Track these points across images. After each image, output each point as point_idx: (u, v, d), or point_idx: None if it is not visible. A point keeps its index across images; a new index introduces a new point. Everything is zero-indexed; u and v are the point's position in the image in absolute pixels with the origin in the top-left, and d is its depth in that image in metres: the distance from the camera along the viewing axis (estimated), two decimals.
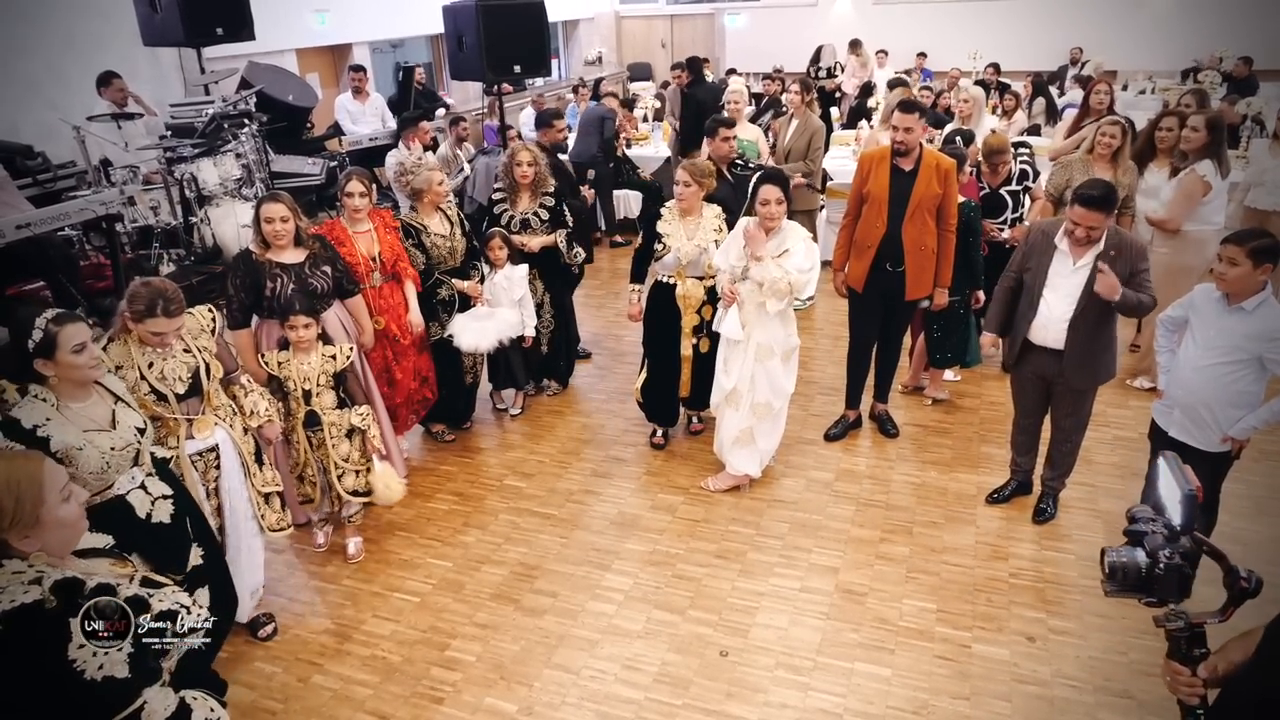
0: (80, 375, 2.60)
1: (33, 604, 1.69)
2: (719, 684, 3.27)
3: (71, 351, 2.52)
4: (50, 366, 2.54)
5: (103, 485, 2.67)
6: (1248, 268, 3.12)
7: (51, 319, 2.53)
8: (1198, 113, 5.00)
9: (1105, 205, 3.47)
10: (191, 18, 7.10)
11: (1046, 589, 3.69)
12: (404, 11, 11.06)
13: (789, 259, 4.01)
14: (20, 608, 1.67)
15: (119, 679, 1.75)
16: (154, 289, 2.96)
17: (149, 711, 1.81)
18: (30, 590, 1.70)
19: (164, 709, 1.84)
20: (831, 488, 4.49)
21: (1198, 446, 3.36)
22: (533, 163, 4.99)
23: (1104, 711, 3.07)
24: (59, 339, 2.51)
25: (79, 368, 2.56)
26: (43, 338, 2.50)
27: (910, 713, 3.10)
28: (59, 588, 1.72)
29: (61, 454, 2.54)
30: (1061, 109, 10.43)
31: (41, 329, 2.50)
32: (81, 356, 2.55)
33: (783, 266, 3.97)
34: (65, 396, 2.60)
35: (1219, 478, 3.47)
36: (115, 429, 2.66)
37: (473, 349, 4.86)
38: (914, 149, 4.35)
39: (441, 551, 4.14)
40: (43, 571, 1.74)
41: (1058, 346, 3.77)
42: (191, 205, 5.97)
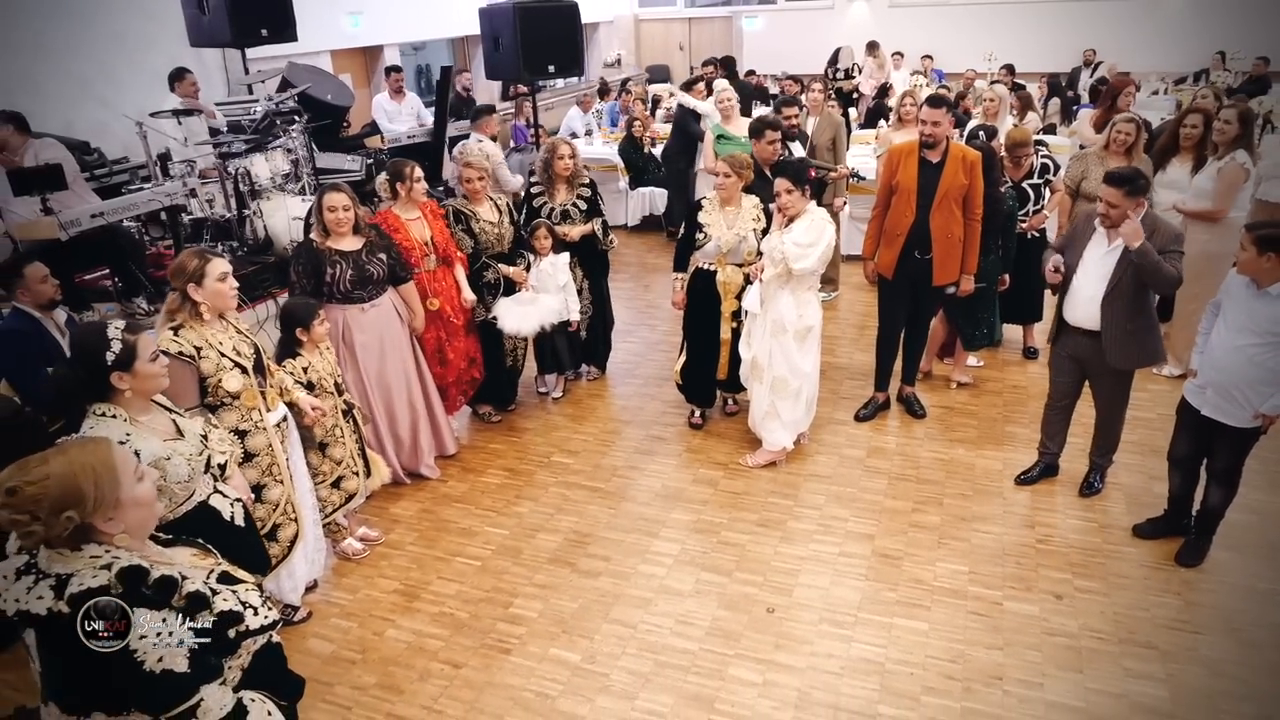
0: (155, 385, 2.58)
1: (98, 588, 1.72)
2: (767, 637, 3.51)
3: (149, 360, 2.51)
4: (127, 379, 2.47)
5: (187, 494, 2.63)
6: (1253, 253, 3.35)
7: (124, 329, 2.49)
8: (1229, 106, 5.25)
9: (1124, 184, 3.71)
10: (238, 19, 7.38)
11: (1071, 553, 3.92)
12: (434, 14, 11.37)
13: (790, 233, 4.27)
14: (86, 591, 1.71)
15: (177, 673, 1.75)
16: (190, 251, 3.17)
17: (204, 709, 1.80)
18: (99, 575, 1.73)
19: (219, 708, 1.83)
20: (864, 463, 4.73)
21: (1229, 423, 3.56)
22: (573, 155, 5.27)
23: (1129, 660, 3.29)
24: (138, 348, 2.48)
25: (155, 377, 2.55)
26: (122, 348, 2.44)
27: (948, 661, 3.33)
28: (124, 574, 1.75)
29: (151, 467, 2.42)
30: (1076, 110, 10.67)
31: (119, 339, 2.45)
32: (157, 365, 2.55)
33: (783, 239, 4.24)
34: (134, 410, 2.52)
35: (1245, 453, 3.65)
36: (184, 438, 2.62)
37: (515, 332, 5.10)
38: (941, 141, 4.58)
39: (497, 521, 4.39)
40: (116, 557, 1.77)
41: (1090, 327, 3.96)
42: (245, 199, 6.23)
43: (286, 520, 3.42)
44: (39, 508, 1.67)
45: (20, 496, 1.67)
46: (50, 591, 1.70)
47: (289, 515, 3.43)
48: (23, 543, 1.75)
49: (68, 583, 1.70)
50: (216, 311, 3.20)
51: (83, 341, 2.47)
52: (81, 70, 7.45)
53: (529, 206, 5.39)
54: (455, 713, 3.22)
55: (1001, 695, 3.17)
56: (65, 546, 1.74)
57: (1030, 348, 5.94)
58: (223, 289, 3.16)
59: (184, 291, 3.11)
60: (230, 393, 3.18)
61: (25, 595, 1.71)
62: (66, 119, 7.23)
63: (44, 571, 1.74)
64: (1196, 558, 3.80)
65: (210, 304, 3.15)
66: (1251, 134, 5.21)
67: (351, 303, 4.21)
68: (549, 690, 3.30)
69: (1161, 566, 3.82)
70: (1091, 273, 3.92)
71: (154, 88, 7.48)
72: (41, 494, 1.67)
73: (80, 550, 1.75)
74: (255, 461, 3.30)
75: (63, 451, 1.75)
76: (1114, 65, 11.79)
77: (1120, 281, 3.81)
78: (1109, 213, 3.75)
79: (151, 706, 1.74)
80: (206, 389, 3.15)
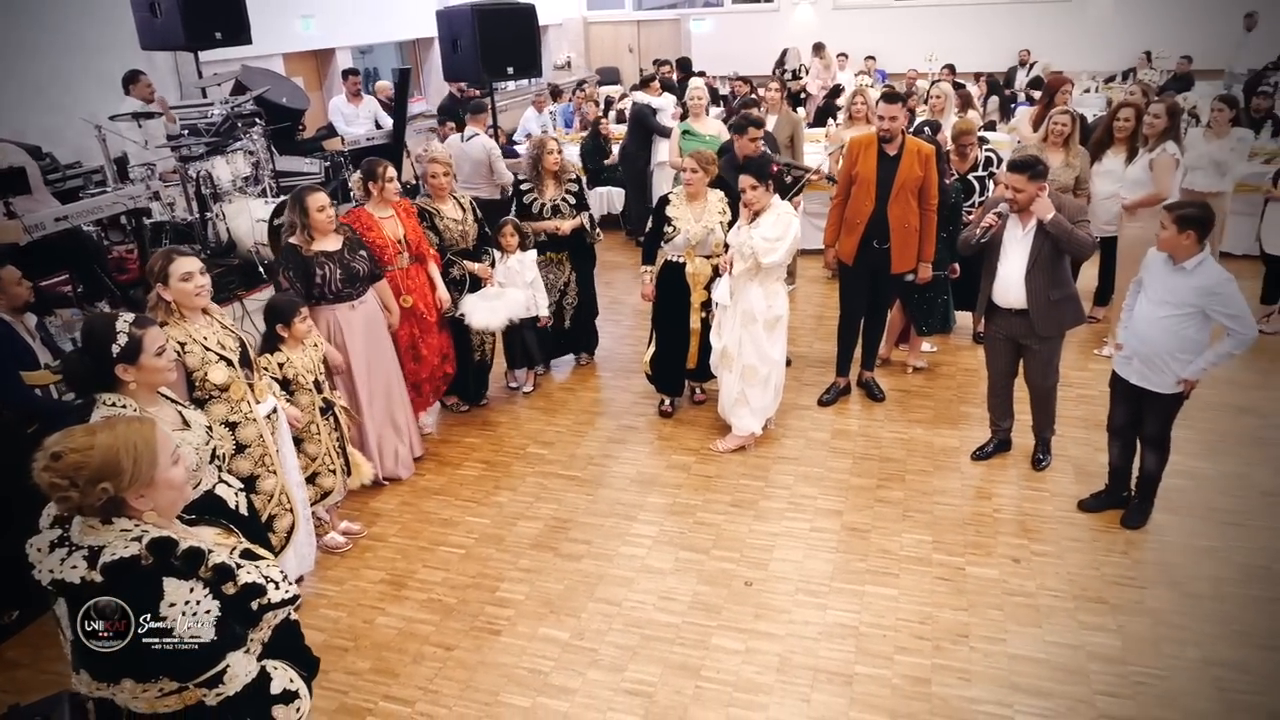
0: (161, 378, 2.62)
1: (130, 558, 1.78)
2: (747, 608, 3.68)
3: (155, 354, 2.55)
4: (132, 371, 2.52)
5: (194, 482, 2.59)
6: (1173, 231, 3.64)
7: (132, 322, 2.54)
8: (1158, 101, 5.61)
9: (1026, 169, 4.04)
10: (192, 22, 7.31)
11: (1026, 520, 4.17)
12: (385, 17, 11.36)
13: (757, 227, 4.46)
14: (119, 561, 1.76)
15: (205, 640, 1.80)
16: (160, 251, 3.22)
17: (230, 675, 1.85)
18: (130, 546, 1.79)
19: (245, 674, 1.88)
20: (829, 445, 4.94)
21: (1154, 390, 3.84)
22: (560, 150, 5.46)
23: (1083, 614, 3.54)
24: (144, 342, 2.52)
25: (160, 370, 2.59)
26: (128, 342, 2.49)
27: (917, 623, 3.54)
28: (154, 545, 1.81)
29: None
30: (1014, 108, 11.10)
31: (125, 333, 2.49)
32: (163, 359, 2.59)
33: (751, 234, 4.42)
34: (141, 401, 2.57)
35: (1171, 418, 3.94)
36: (190, 429, 2.67)
37: (483, 327, 5.20)
38: (897, 135, 4.82)
39: (478, 511, 4.49)
40: (146, 530, 1.83)
41: (1019, 305, 4.25)
42: (206, 201, 6.21)
43: (282, 511, 3.49)
44: (79, 475, 1.74)
45: (63, 462, 1.74)
46: (84, 562, 1.77)
47: (284, 506, 3.50)
48: (57, 508, 1.82)
49: (100, 553, 1.77)
50: (188, 309, 3.22)
51: (91, 332, 2.52)
52: (33, 75, 7.34)
53: (519, 203, 5.51)
54: (451, 692, 3.33)
55: (968, 651, 3.38)
56: (96, 518, 1.80)
57: (980, 333, 6.21)
58: (186, 289, 3.15)
59: (156, 291, 3.17)
60: (217, 385, 3.24)
61: (59, 566, 1.78)
62: (17, 124, 7.10)
63: (76, 544, 1.81)
64: (1140, 520, 4.07)
65: (178, 302, 3.18)
66: (1179, 126, 5.56)
67: (342, 301, 4.28)
68: (541, 667, 3.42)
69: (1108, 530, 4.09)
70: (1013, 256, 4.23)
71: (106, 92, 7.39)
72: (83, 462, 1.75)
73: (111, 524, 1.82)
74: (247, 453, 3.37)
75: (110, 426, 1.82)
76: (1048, 65, 12.27)
77: (1039, 256, 4.13)
78: (1016, 197, 4.08)
79: (180, 673, 1.80)
80: (194, 383, 3.21)
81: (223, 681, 1.83)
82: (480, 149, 6.94)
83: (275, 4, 9.25)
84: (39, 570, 1.80)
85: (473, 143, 6.94)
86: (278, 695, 1.94)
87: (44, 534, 1.88)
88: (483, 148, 6.95)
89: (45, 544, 1.84)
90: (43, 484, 1.76)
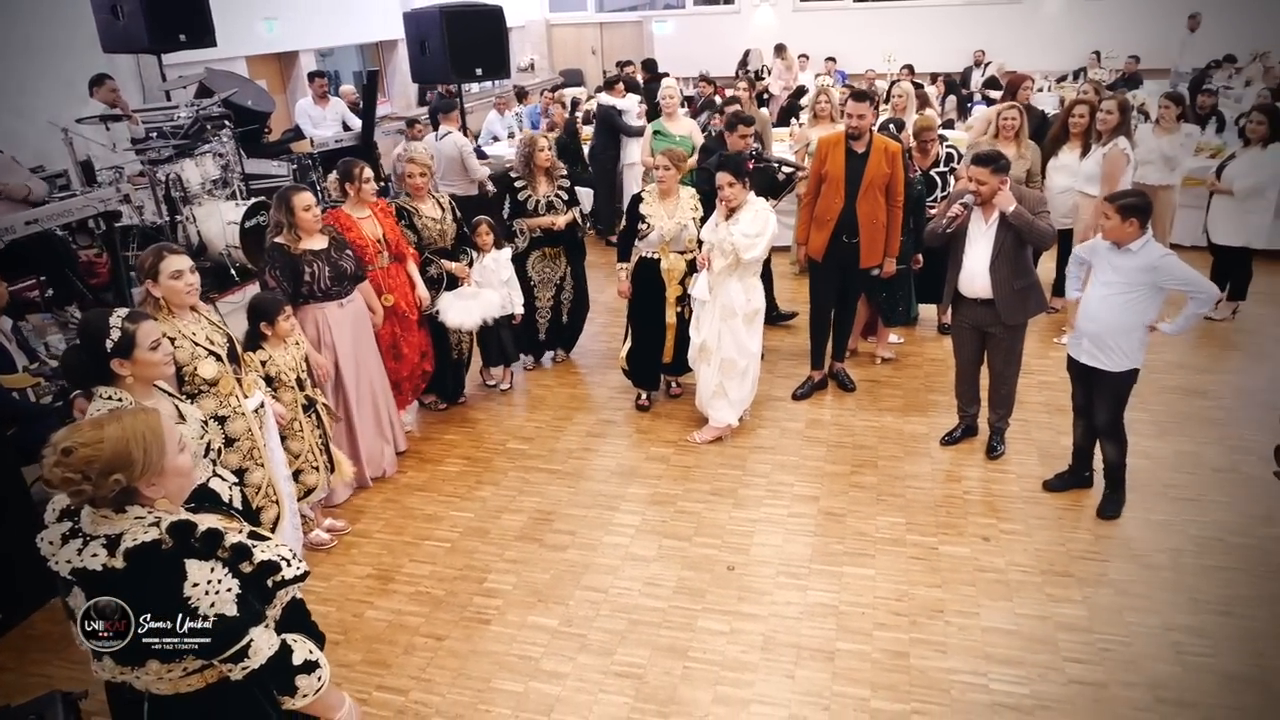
0: (156, 373, 2.66)
1: (152, 542, 1.83)
2: (730, 591, 3.78)
3: (149, 349, 2.58)
4: (127, 366, 2.56)
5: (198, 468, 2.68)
6: (1117, 220, 3.82)
7: (126, 318, 2.58)
8: (1110, 98, 5.84)
9: (990, 163, 4.20)
10: (155, 24, 7.25)
11: (995, 501, 4.34)
12: (348, 20, 11.32)
13: (736, 224, 4.58)
14: (141, 545, 1.81)
15: (229, 616, 1.86)
16: (151, 248, 3.24)
17: (254, 649, 1.90)
18: (150, 531, 1.84)
19: (268, 648, 1.94)
20: (803, 434, 5.07)
21: (1104, 368, 4.01)
22: (550, 147, 5.55)
23: (1050, 587, 3.70)
24: (137, 336, 2.56)
25: (155, 364, 2.63)
26: (121, 336, 2.53)
27: (894, 600, 3.68)
28: (174, 529, 1.87)
29: None
30: (970, 106, 11.39)
31: (119, 328, 2.54)
32: (158, 354, 2.62)
33: (730, 230, 4.54)
34: (137, 395, 2.60)
35: (1124, 397, 4.09)
36: (186, 422, 2.68)
37: (457, 326, 5.26)
38: (865, 133, 4.96)
39: (461, 505, 4.55)
40: (160, 516, 1.88)
41: (984, 295, 4.41)
42: (176, 204, 6.18)
43: (269, 503, 3.53)
44: (90, 468, 1.78)
45: (75, 457, 1.78)
46: (103, 550, 1.81)
47: (270, 498, 3.53)
48: (71, 501, 1.86)
49: (119, 541, 1.82)
50: (177, 306, 3.25)
51: (86, 328, 2.57)
52: None
53: (514, 200, 5.58)
54: (443, 680, 3.38)
55: (944, 625, 3.52)
56: (109, 508, 1.84)
57: (944, 324, 6.36)
58: (176, 286, 3.18)
59: (145, 288, 3.20)
60: (206, 380, 3.27)
61: (77, 556, 1.82)
62: None
63: (90, 534, 1.85)
64: (1114, 510, 4.18)
65: (168, 299, 3.21)
66: (1129, 122, 5.79)
67: (331, 299, 4.30)
68: (531, 653, 3.49)
69: (1072, 508, 4.27)
70: (978, 248, 4.39)
71: (68, 95, 7.30)
72: (95, 456, 1.79)
73: (124, 512, 1.86)
74: (236, 446, 3.40)
75: (117, 418, 1.86)
76: (1003, 65, 12.59)
77: (1002, 247, 4.29)
78: (979, 190, 4.24)
79: (206, 650, 1.86)
80: (183, 377, 3.23)
81: (247, 656, 1.88)
82: (453, 146, 7.05)
83: (238, 6, 9.19)
84: (55, 562, 1.84)
85: (445, 141, 7.05)
86: (300, 666, 2.00)
87: (53, 528, 1.91)
88: (455, 145, 7.06)
89: (57, 537, 1.88)
90: (55, 479, 1.79)
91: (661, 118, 6.97)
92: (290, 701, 2.00)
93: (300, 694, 2.00)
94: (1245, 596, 3.62)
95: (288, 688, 1.99)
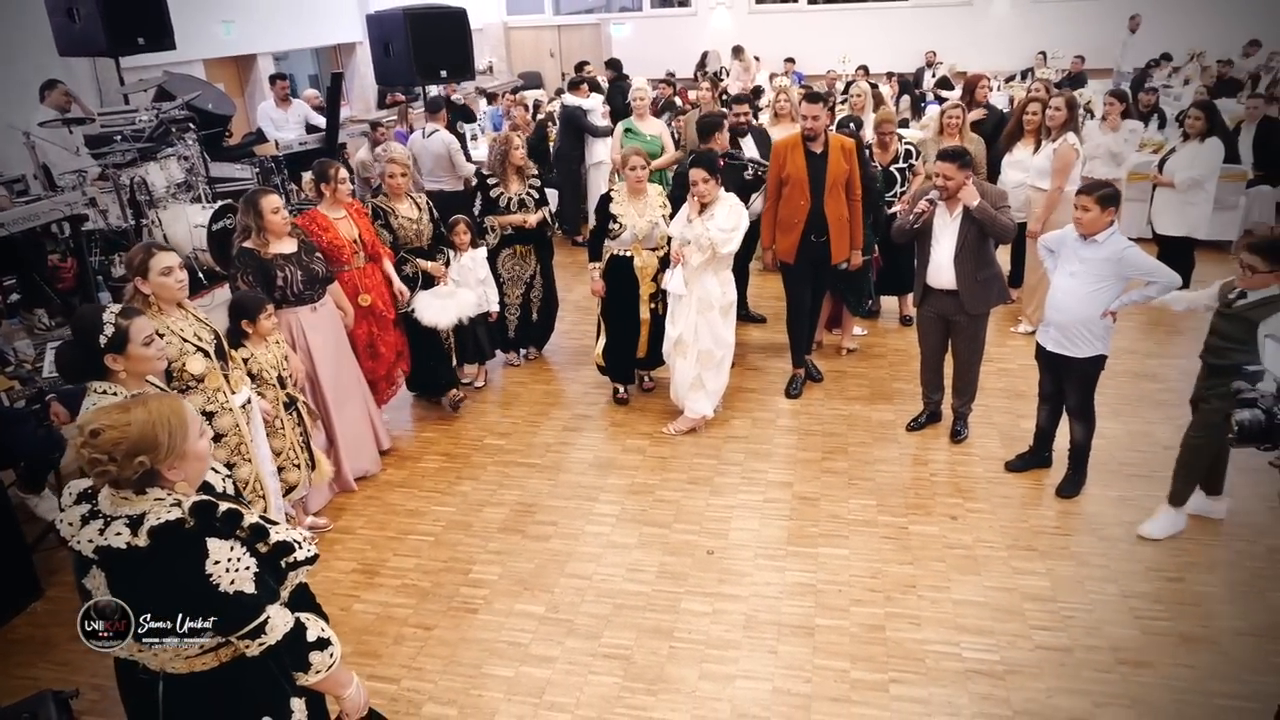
0: (149, 367, 2.70)
1: (175, 521, 1.89)
2: (711, 574, 3.90)
3: (142, 344, 2.63)
4: (120, 361, 2.61)
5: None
6: (1097, 211, 4.01)
7: (119, 313, 2.62)
8: (1058, 95, 6.08)
9: (956, 159, 4.40)
10: (113, 27, 7.18)
11: (960, 482, 4.52)
12: (306, 23, 11.26)
13: (712, 219, 4.71)
14: (165, 524, 1.87)
15: (248, 594, 1.91)
16: (139, 245, 3.29)
17: (271, 625, 1.96)
18: (172, 510, 1.90)
19: (284, 624, 1.99)
20: (774, 424, 5.21)
21: (1072, 355, 4.20)
22: (524, 146, 5.64)
23: (1016, 561, 3.88)
24: (130, 332, 2.61)
25: (149, 359, 2.68)
26: (115, 332, 2.58)
27: (869, 578, 3.83)
28: (196, 509, 1.93)
29: None
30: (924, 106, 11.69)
31: (112, 324, 2.59)
32: (151, 349, 2.67)
33: (707, 226, 4.67)
34: (131, 389, 2.63)
35: (1092, 385, 4.28)
36: None
37: (433, 324, 5.31)
38: (821, 134, 5.11)
39: (442, 500, 4.61)
40: (180, 498, 1.94)
41: (950, 286, 4.59)
42: (141, 208, 6.13)
43: (255, 498, 3.56)
44: (116, 450, 1.84)
45: (102, 438, 1.83)
46: (126, 529, 1.86)
47: (257, 493, 3.57)
48: (94, 481, 1.91)
49: (142, 520, 1.87)
50: (166, 302, 3.29)
51: (79, 324, 2.62)
52: None
53: (485, 197, 5.64)
54: (434, 668, 3.45)
55: (916, 599, 3.68)
56: (131, 489, 1.90)
57: (906, 316, 6.61)
58: (167, 282, 3.22)
59: (134, 285, 3.22)
60: (194, 375, 3.31)
61: (99, 536, 1.87)
62: None
63: (110, 515, 1.90)
64: (1074, 490, 4.38)
65: (158, 296, 3.24)
66: (1077, 118, 6.05)
67: (304, 303, 4.32)
68: (520, 639, 3.57)
69: (1034, 487, 4.46)
70: (944, 241, 4.57)
71: (23, 99, 7.16)
72: (121, 438, 1.84)
73: (145, 494, 1.91)
74: (223, 441, 3.44)
75: (143, 403, 1.92)
76: (953, 65, 12.97)
77: (966, 240, 4.48)
78: (946, 184, 4.42)
79: (226, 626, 1.91)
80: (172, 374, 3.26)
81: (264, 632, 1.94)
82: (441, 144, 7.26)
83: (195, 9, 9.10)
84: (77, 541, 1.89)
85: (433, 138, 7.24)
86: (313, 643, 2.06)
87: (72, 510, 1.96)
88: (443, 143, 7.26)
89: (77, 518, 1.93)
90: (82, 460, 1.85)
91: (632, 117, 7.08)
92: (304, 678, 2.07)
93: (314, 670, 2.06)
94: (1196, 564, 3.83)
95: (302, 664, 2.05)
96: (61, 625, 3.79)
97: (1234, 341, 3.67)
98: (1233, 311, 3.70)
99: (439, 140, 7.30)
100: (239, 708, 2.02)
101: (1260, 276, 3.58)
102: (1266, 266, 3.56)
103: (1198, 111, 6.41)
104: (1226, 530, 4.05)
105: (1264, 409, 2.28)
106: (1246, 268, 3.60)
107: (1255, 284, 3.60)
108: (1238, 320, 3.65)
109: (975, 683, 3.24)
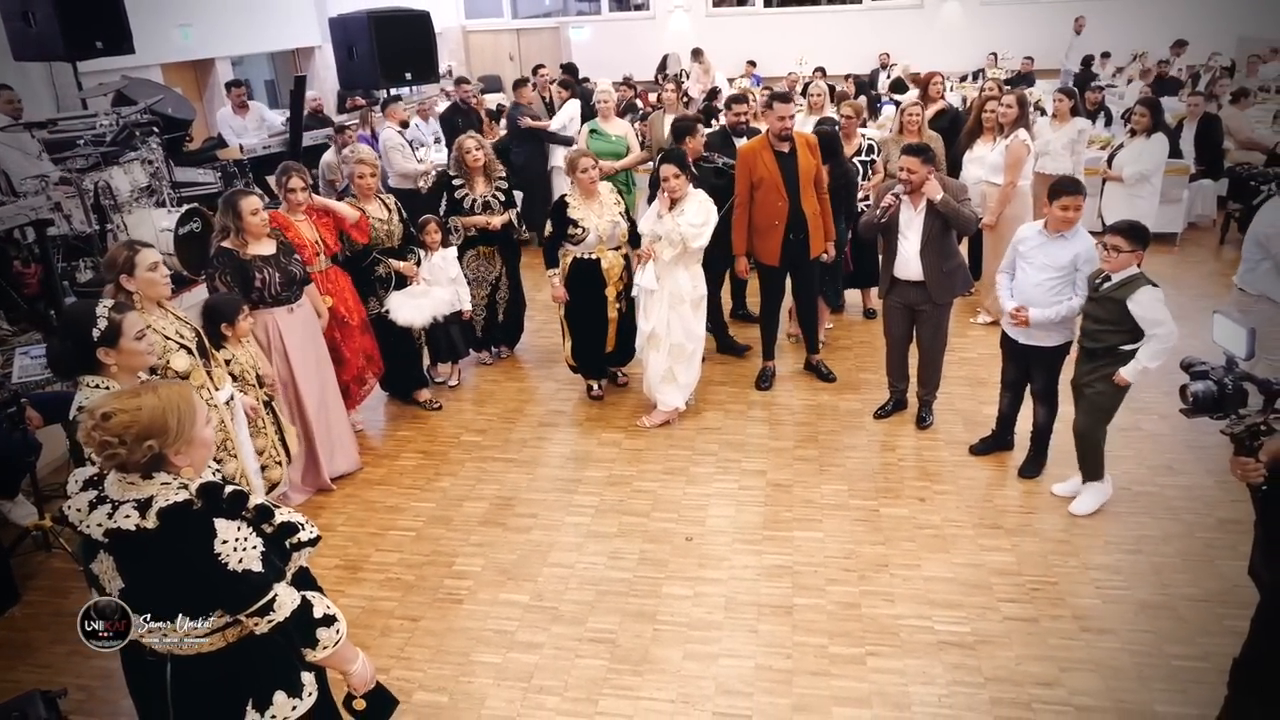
0: (140, 362, 2.74)
1: (184, 502, 1.94)
2: (690, 559, 4.00)
3: (134, 338, 2.68)
4: (112, 355, 2.64)
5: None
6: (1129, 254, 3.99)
7: (111, 308, 2.67)
8: (1010, 93, 6.30)
9: (920, 154, 4.57)
10: (70, 31, 7.11)
11: (927, 466, 4.68)
12: (265, 27, 11.16)
13: (682, 215, 4.81)
14: (174, 505, 1.91)
15: (256, 572, 1.96)
16: (120, 243, 3.31)
17: (280, 603, 2.00)
18: (180, 492, 1.94)
19: (291, 601, 2.04)
20: (746, 415, 5.34)
21: (1039, 345, 4.36)
22: (479, 146, 5.63)
23: (983, 539, 4.04)
24: (123, 326, 2.65)
25: (140, 354, 2.72)
26: (108, 326, 2.62)
27: (843, 558, 3.96)
28: (203, 490, 1.97)
29: None
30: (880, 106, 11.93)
31: (105, 318, 2.63)
32: (142, 343, 2.72)
33: (677, 221, 4.78)
34: (122, 384, 2.65)
35: (1057, 372, 4.43)
36: None
37: (408, 324, 5.35)
38: (790, 132, 5.24)
39: (422, 496, 4.65)
40: (187, 481, 1.99)
41: (916, 278, 4.75)
42: (106, 213, 6.07)
43: None
44: (127, 433, 1.88)
45: (113, 422, 1.88)
46: (135, 512, 1.91)
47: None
48: (102, 465, 1.95)
49: (150, 503, 1.92)
50: (150, 299, 3.32)
51: (72, 318, 2.65)
52: None
53: (450, 198, 5.68)
54: (423, 657, 3.50)
55: (889, 578, 3.82)
56: (138, 473, 1.94)
57: (869, 309, 6.78)
58: (154, 278, 3.27)
59: (117, 283, 3.23)
60: (179, 372, 3.32)
61: (108, 519, 1.91)
62: None
63: (118, 500, 1.94)
64: (1036, 471, 4.54)
65: (143, 293, 3.27)
66: (1028, 115, 6.27)
67: (281, 304, 4.34)
68: (506, 627, 3.64)
69: (998, 469, 4.64)
70: (910, 235, 4.73)
71: None
72: (132, 422, 1.89)
73: (151, 479, 1.96)
74: None
75: (153, 389, 1.97)
76: (907, 66, 13.24)
77: (930, 233, 4.64)
78: (910, 178, 4.57)
79: (235, 604, 1.97)
80: (156, 371, 3.27)
81: (273, 609, 1.99)
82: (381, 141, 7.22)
83: (152, 13, 9.00)
84: (87, 526, 1.93)
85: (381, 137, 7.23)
86: (320, 619, 2.11)
87: (79, 495, 2.00)
88: (382, 140, 7.20)
89: (84, 504, 1.97)
90: (91, 443, 1.89)
91: (597, 118, 7.17)
92: (311, 654, 2.12)
93: (321, 646, 2.12)
94: (1151, 536, 4.02)
95: (309, 640, 2.10)
96: (41, 629, 3.78)
97: (1106, 324, 3.89)
98: (1101, 295, 3.91)
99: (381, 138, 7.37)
100: (249, 684, 2.07)
101: (1124, 257, 3.79)
102: (1130, 247, 3.78)
103: (1143, 109, 6.68)
104: (1179, 504, 4.24)
105: (1215, 380, 2.43)
106: (1111, 249, 3.81)
107: (1118, 265, 3.82)
108: (1107, 302, 3.87)
109: (948, 653, 3.38)
